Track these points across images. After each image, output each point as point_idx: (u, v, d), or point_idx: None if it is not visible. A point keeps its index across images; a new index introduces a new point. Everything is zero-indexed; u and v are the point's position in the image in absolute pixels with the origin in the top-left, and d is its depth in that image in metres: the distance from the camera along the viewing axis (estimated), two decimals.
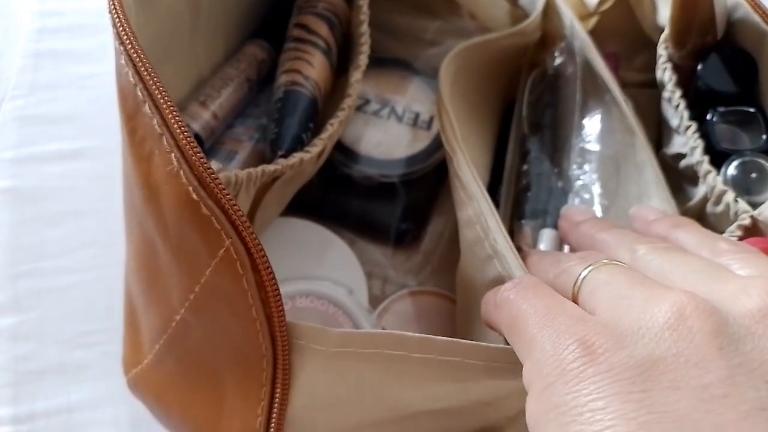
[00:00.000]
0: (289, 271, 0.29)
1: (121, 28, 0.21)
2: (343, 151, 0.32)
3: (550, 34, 0.35)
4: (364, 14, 0.31)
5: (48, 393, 0.33)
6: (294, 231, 0.32)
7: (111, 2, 0.21)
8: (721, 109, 0.28)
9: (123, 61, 0.21)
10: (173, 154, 0.19)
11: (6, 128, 0.40)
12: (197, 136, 0.29)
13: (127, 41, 0.20)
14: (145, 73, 0.20)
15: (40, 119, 0.41)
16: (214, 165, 0.23)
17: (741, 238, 0.24)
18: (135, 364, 0.25)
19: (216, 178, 0.18)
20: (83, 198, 0.38)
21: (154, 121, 0.19)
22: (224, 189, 0.18)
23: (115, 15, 0.21)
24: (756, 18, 0.28)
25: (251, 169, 0.24)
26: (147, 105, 0.20)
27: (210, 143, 0.30)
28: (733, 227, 0.25)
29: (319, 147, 0.26)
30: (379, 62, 0.34)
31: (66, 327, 0.35)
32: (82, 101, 0.41)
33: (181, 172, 0.19)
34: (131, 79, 0.20)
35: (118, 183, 0.36)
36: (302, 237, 0.32)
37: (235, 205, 0.18)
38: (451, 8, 0.38)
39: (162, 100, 0.19)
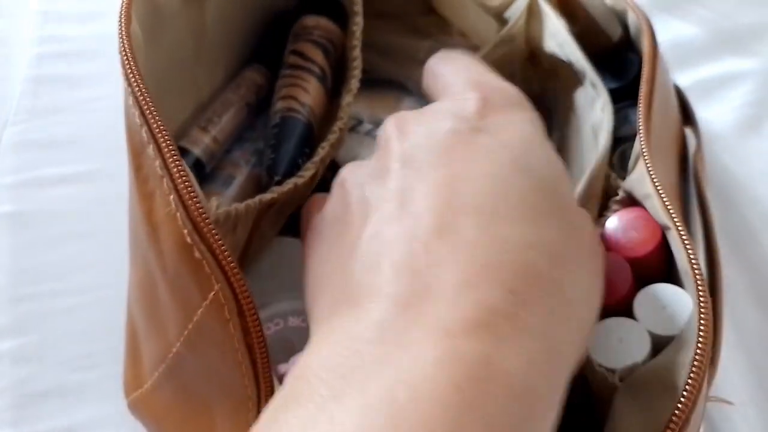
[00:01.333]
0: (282, 290, 0.30)
1: (129, 70, 0.22)
2: (337, 170, 0.33)
3: (533, 42, 0.35)
4: (357, 39, 0.32)
5: (49, 414, 0.33)
6: (286, 250, 0.32)
7: (121, 43, 0.22)
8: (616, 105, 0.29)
9: (131, 102, 0.22)
10: (172, 197, 0.19)
11: (7, 153, 0.41)
12: (198, 161, 0.30)
13: (135, 84, 0.21)
14: (150, 116, 0.21)
15: (40, 144, 0.41)
16: (214, 201, 0.23)
17: (618, 211, 0.25)
18: (136, 388, 0.26)
19: (209, 224, 0.19)
20: (83, 221, 0.39)
21: (157, 163, 0.20)
22: (217, 235, 0.19)
23: (125, 56, 0.22)
24: (632, 15, 0.30)
25: (249, 201, 0.24)
26: (151, 147, 0.21)
27: (211, 167, 0.31)
28: (611, 202, 0.26)
29: (311, 171, 0.27)
30: (371, 83, 0.35)
31: (67, 349, 0.35)
32: (82, 125, 0.42)
33: (178, 215, 0.19)
34: (137, 120, 0.21)
35: (118, 206, 0.37)
36: (295, 256, 0.32)
37: (226, 251, 0.19)
38: (442, 28, 0.39)
39: (164, 144, 0.20)
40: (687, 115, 0.34)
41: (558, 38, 0.32)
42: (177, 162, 0.20)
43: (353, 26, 0.32)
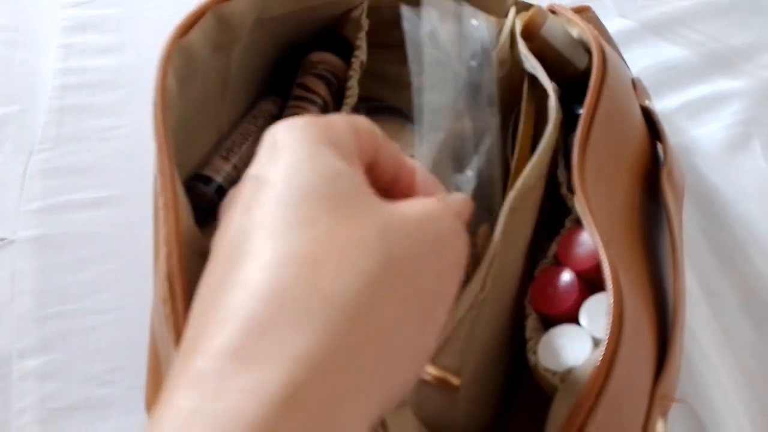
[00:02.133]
0: None
1: (159, 126, 0.24)
2: None
3: (518, 63, 0.37)
4: (353, 71, 0.34)
5: (75, 429, 0.35)
6: None
7: (156, 97, 0.24)
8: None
9: (157, 161, 0.24)
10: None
11: (33, 180, 0.43)
12: (221, 188, 0.31)
13: (162, 144, 0.23)
14: (163, 181, 0.23)
15: (64, 171, 0.43)
16: None
17: (571, 229, 0.27)
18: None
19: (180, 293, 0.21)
20: (105, 244, 0.40)
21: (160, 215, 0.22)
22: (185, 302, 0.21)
23: (157, 111, 0.24)
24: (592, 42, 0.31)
25: None
26: (161, 201, 0.23)
27: None
28: (566, 221, 0.28)
29: None
30: (375, 110, 0.37)
31: (91, 365, 0.37)
32: (103, 153, 0.44)
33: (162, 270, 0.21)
34: (157, 186, 0.23)
35: (137, 229, 0.39)
36: None
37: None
38: None
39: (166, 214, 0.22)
40: (657, 134, 0.35)
41: (530, 61, 0.33)
42: (176, 229, 0.22)
43: (353, 58, 0.34)
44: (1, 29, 0.50)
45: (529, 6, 0.35)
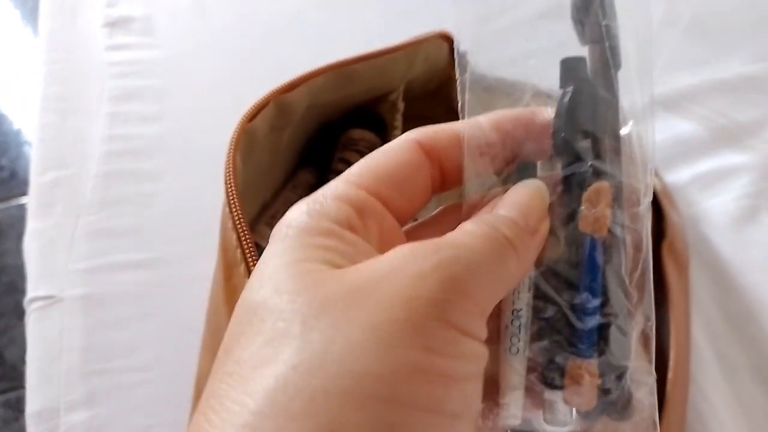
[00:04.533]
0: None
1: (232, 202, 0.26)
2: None
3: None
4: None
5: None
6: None
7: (227, 175, 0.27)
8: None
9: (230, 225, 0.26)
10: None
11: (80, 241, 0.46)
12: None
13: (236, 213, 0.26)
14: (245, 242, 0.25)
15: (109, 233, 0.46)
16: None
17: None
18: None
19: None
20: (147, 303, 0.43)
21: (244, 281, 0.24)
22: None
23: (229, 188, 0.27)
24: None
25: None
26: (242, 267, 0.25)
27: None
28: None
29: None
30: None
31: (133, 420, 0.39)
32: (145, 216, 0.47)
33: None
34: (234, 243, 0.25)
35: (177, 289, 0.41)
36: None
37: None
38: None
39: (252, 265, 0.25)
40: (659, 209, 0.37)
41: None
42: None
43: (390, 137, 0.37)
44: (53, 98, 0.54)
45: None
